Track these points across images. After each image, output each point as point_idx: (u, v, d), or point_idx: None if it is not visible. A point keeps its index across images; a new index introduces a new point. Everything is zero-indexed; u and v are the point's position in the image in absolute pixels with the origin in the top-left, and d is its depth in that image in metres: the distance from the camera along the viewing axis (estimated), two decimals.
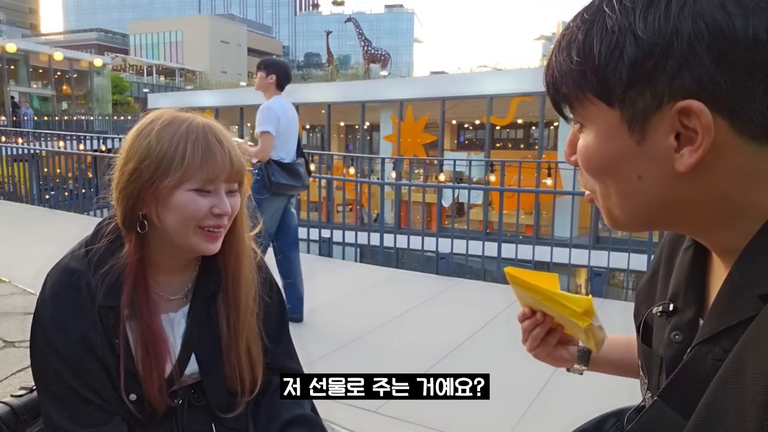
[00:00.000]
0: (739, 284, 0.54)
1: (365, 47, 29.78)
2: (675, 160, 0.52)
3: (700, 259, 0.64)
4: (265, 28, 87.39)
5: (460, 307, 4.15)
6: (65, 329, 0.93)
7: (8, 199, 8.91)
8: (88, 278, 0.95)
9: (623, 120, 0.53)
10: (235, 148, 0.98)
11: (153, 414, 0.99)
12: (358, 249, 6.70)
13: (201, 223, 0.95)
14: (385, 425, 2.37)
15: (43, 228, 6.52)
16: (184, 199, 0.93)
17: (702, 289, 0.63)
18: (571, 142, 0.63)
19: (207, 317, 1.04)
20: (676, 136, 0.51)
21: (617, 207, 0.58)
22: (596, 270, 4.65)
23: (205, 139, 0.94)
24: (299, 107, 16.55)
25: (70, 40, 65.39)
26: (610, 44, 0.52)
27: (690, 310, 0.62)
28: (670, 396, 0.57)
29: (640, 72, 0.51)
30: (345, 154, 14.12)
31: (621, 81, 0.52)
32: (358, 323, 3.63)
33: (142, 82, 45.38)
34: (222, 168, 0.94)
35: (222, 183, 0.96)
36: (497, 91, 13.71)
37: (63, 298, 0.94)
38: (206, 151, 0.94)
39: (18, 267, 4.43)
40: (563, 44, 0.57)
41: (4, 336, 3.14)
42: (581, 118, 0.58)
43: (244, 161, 1.00)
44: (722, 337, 0.54)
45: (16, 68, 25.44)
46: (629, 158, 0.54)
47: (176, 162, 0.92)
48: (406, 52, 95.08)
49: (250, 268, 1.07)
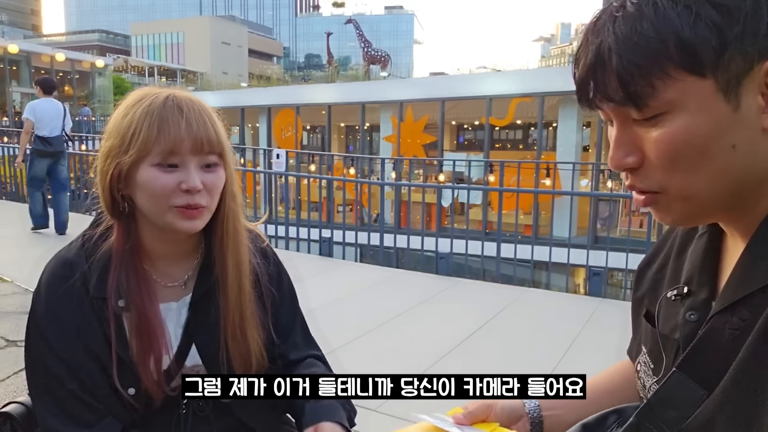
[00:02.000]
0: (756, 255, 0.55)
1: (365, 48, 29.78)
2: (764, 120, 0.53)
3: (715, 245, 0.65)
4: (265, 29, 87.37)
5: (460, 307, 4.17)
6: (58, 322, 0.90)
7: (10, 199, 8.93)
8: (82, 268, 0.92)
9: (719, 88, 0.52)
10: (203, 118, 0.90)
11: (152, 408, 0.95)
12: (358, 249, 6.71)
13: (172, 202, 0.88)
14: (385, 423, 2.38)
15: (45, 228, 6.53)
16: (148, 175, 0.88)
17: (716, 272, 0.64)
18: (624, 142, 0.57)
19: (210, 306, 0.99)
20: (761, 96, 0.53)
21: (696, 195, 0.56)
22: (595, 270, 4.66)
23: (163, 110, 0.88)
24: (300, 108, 16.64)
25: (72, 41, 65.52)
26: (690, 14, 0.51)
27: (704, 291, 0.63)
28: (688, 367, 0.57)
29: (729, 36, 0.51)
30: (345, 155, 14.14)
31: (712, 48, 0.51)
32: (358, 322, 3.64)
33: (143, 83, 45.26)
34: (179, 137, 0.87)
35: (189, 155, 0.88)
36: (496, 92, 13.71)
37: (56, 289, 0.91)
38: (162, 122, 0.87)
39: (19, 266, 4.45)
40: (623, 28, 0.53)
41: (6, 335, 3.16)
42: (664, 104, 0.54)
43: (215, 130, 0.91)
44: (739, 307, 0.55)
45: (18, 69, 25.43)
46: (726, 129, 0.53)
47: (135, 136, 0.87)
48: (406, 54, 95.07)
49: (245, 250, 1.00)
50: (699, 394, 0.56)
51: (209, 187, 0.90)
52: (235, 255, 0.98)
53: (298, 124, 16.90)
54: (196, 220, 0.91)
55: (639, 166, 0.57)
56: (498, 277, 5.38)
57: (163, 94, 0.90)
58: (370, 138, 17.95)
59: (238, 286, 0.98)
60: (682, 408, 0.57)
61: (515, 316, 3.95)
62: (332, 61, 31.23)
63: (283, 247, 6.32)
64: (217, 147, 0.91)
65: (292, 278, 1.13)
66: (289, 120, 16.91)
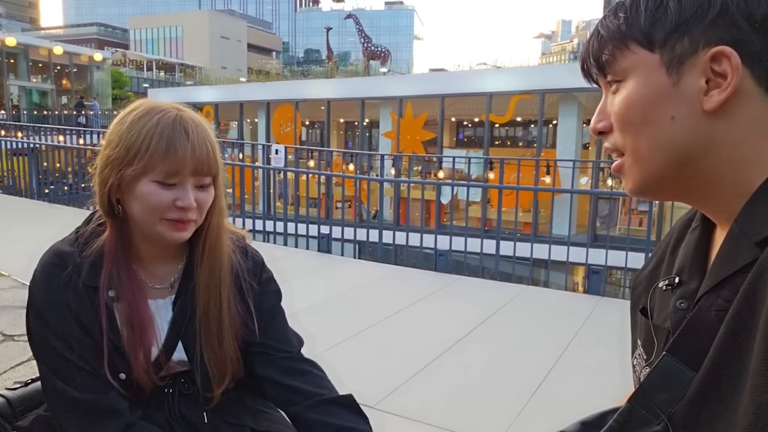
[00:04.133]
0: (737, 236, 0.57)
1: (365, 44, 29.69)
2: (704, 101, 0.58)
3: (706, 238, 0.67)
4: (265, 23, 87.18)
5: (459, 304, 4.16)
6: (55, 305, 0.96)
7: (7, 193, 8.91)
8: (74, 259, 0.98)
9: (662, 63, 0.60)
10: (205, 143, 0.97)
11: (141, 395, 1.01)
12: (357, 245, 6.70)
13: (165, 215, 0.96)
14: (384, 420, 2.38)
15: (42, 222, 6.52)
16: (147, 189, 0.94)
17: (706, 262, 0.66)
18: (601, 110, 0.67)
19: (193, 306, 1.05)
20: (706, 81, 0.58)
21: (645, 160, 0.63)
22: (594, 268, 4.66)
23: (171, 131, 0.94)
24: (299, 103, 16.60)
25: (70, 34, 65.15)
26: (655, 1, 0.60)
27: (694, 281, 0.64)
28: (677, 349, 0.59)
29: (680, 20, 0.59)
30: (344, 151, 14.10)
31: (663, 28, 0.59)
32: (357, 319, 3.64)
33: (141, 77, 45.24)
34: (184, 162, 0.94)
35: (188, 176, 0.96)
36: (496, 89, 13.69)
37: (52, 276, 0.97)
38: (170, 144, 0.93)
39: (17, 261, 4.43)
40: (612, 10, 0.64)
41: (4, 329, 3.15)
42: (621, 72, 0.63)
43: (215, 155, 0.99)
44: (723, 288, 0.57)
45: (16, 62, 25.34)
46: (665, 100, 0.60)
47: (141, 152, 0.93)
48: (406, 49, 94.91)
49: (225, 258, 1.06)
50: (688, 375, 0.57)
51: (200, 204, 0.98)
52: (213, 264, 1.05)
53: (297, 120, 16.86)
54: (184, 231, 0.98)
55: (609, 131, 0.66)
56: (497, 274, 5.37)
57: (172, 114, 0.96)
58: (369, 134, 17.93)
59: (216, 295, 1.04)
60: (672, 390, 0.58)
61: (514, 313, 3.95)
62: (332, 57, 31.09)
63: (281, 244, 6.31)
64: (214, 169, 0.99)
65: (291, 275, 1.16)
66: (288, 115, 16.87)
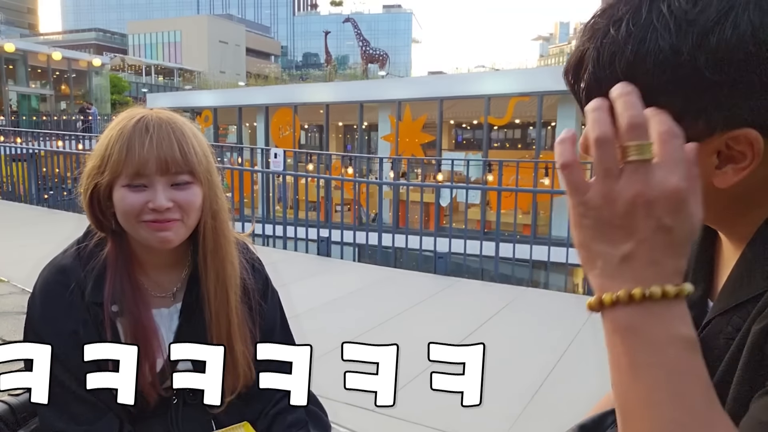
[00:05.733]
0: (750, 263, 0.56)
1: (363, 47, 29.78)
2: (715, 176, 0.52)
3: (709, 241, 0.66)
4: (263, 28, 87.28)
5: (458, 307, 4.16)
6: (55, 325, 0.94)
7: (6, 199, 8.91)
8: (77, 275, 0.96)
9: None
10: (171, 140, 0.92)
11: (146, 408, 0.99)
12: (357, 248, 6.71)
13: (141, 218, 0.92)
14: (385, 423, 2.37)
15: (41, 228, 6.52)
16: (119, 195, 0.92)
17: (710, 269, 0.65)
18: None
19: (200, 316, 1.03)
20: (717, 154, 0.52)
21: None
22: None
23: (131, 132, 0.91)
24: (298, 107, 16.62)
25: (69, 39, 65.36)
26: (664, 71, 0.49)
27: (699, 288, 0.63)
28: None
29: (695, 106, 0.49)
30: (343, 154, 14.10)
31: (674, 109, 0.47)
32: (356, 322, 3.64)
33: (140, 82, 45.30)
34: (145, 160, 0.90)
35: (156, 176, 0.91)
36: (495, 91, 13.71)
37: (53, 294, 0.95)
38: (128, 145, 0.90)
39: (16, 266, 4.43)
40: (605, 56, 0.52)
41: (2, 335, 3.15)
42: None
43: (187, 152, 0.93)
44: (733, 316, 0.56)
45: (15, 68, 25.36)
46: None
47: (106, 158, 0.92)
48: (404, 52, 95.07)
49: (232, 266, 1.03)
50: None
51: (181, 204, 0.93)
52: (218, 271, 1.01)
53: (296, 123, 16.87)
54: (167, 231, 0.93)
55: None
56: (496, 276, 5.37)
57: (137, 117, 0.93)
58: (368, 137, 17.94)
59: (224, 301, 1.01)
60: None
61: (514, 315, 3.95)
62: (330, 60, 31.20)
63: (280, 247, 6.30)
64: (184, 166, 0.92)
65: (290, 278, 1.15)
66: (286, 119, 16.89)
